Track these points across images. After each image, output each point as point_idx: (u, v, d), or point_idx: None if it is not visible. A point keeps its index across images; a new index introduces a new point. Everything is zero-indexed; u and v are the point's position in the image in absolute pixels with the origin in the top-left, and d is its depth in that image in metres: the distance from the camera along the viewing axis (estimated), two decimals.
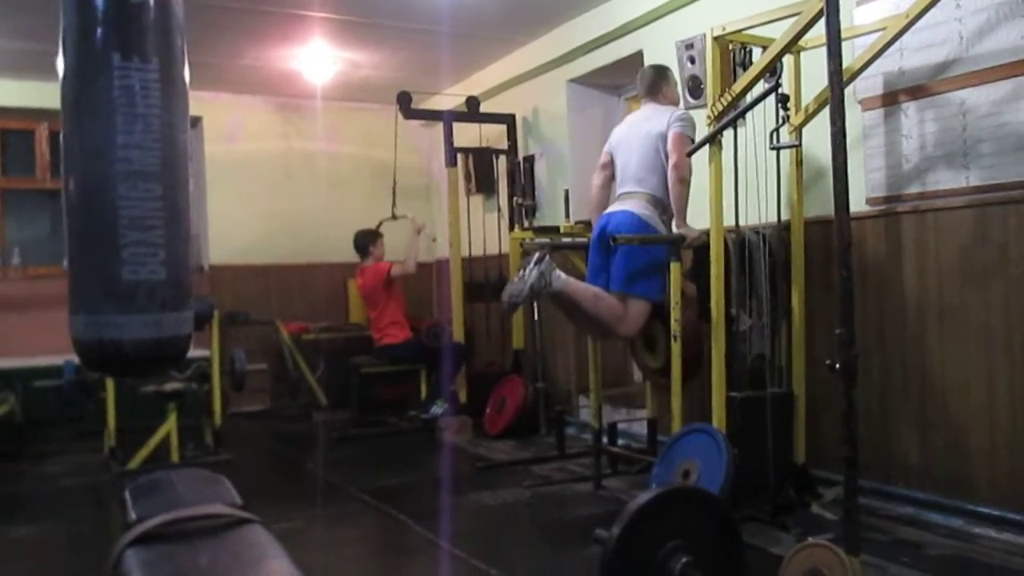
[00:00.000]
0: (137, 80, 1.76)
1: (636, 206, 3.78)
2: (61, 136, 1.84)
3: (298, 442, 5.81)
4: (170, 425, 4.73)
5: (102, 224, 1.76)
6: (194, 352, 5.40)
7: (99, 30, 1.76)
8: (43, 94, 5.94)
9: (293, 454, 5.46)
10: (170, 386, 4.78)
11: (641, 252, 3.71)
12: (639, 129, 3.90)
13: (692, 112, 3.99)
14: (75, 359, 5.36)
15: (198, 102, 6.62)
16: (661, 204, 3.80)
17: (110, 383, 4.90)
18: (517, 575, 2.94)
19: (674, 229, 3.71)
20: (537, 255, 3.63)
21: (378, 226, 6.30)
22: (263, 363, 6.70)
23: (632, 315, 3.73)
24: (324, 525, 3.72)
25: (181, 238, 1.86)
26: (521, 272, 3.63)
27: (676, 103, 4.02)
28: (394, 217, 6.25)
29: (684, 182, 3.67)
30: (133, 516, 1.80)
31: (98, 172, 1.76)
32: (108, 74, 1.74)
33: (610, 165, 4.04)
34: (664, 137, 3.75)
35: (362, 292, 6.20)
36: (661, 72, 3.99)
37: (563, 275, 3.66)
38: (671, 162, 3.69)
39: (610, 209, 3.90)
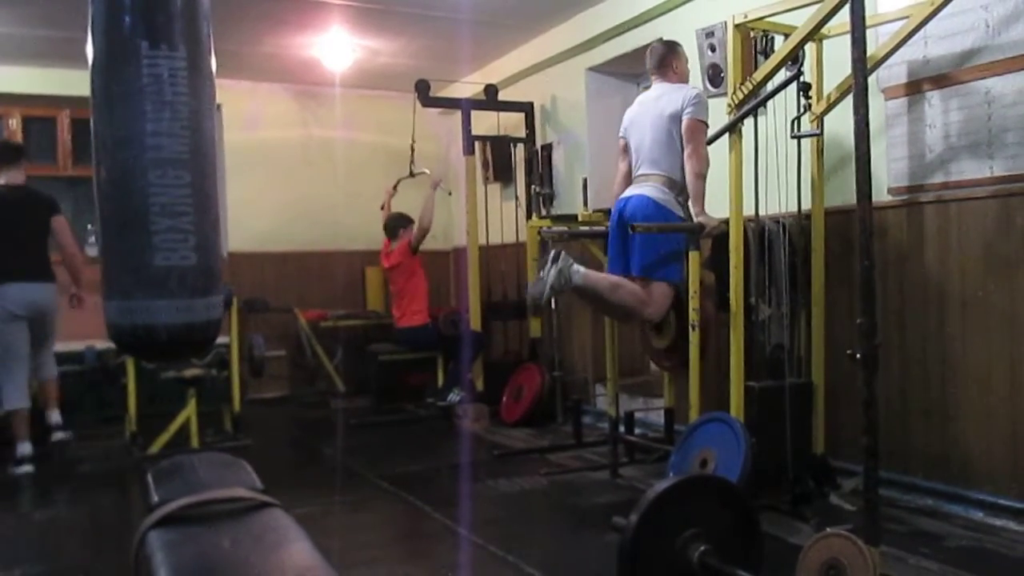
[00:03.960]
0: (165, 68, 1.78)
1: (651, 190, 3.76)
2: (91, 125, 1.86)
3: (316, 428, 5.85)
4: (190, 411, 4.78)
5: (133, 211, 1.79)
6: None
7: (127, 18, 1.77)
8: (65, 81, 5.98)
9: (311, 440, 5.49)
10: (190, 372, 4.82)
11: (660, 238, 3.70)
12: (651, 109, 3.84)
13: (712, 100, 3.96)
14: (97, 345, 5.45)
15: (218, 89, 6.56)
16: (677, 186, 3.77)
17: (131, 369, 4.95)
18: (534, 561, 2.95)
19: (693, 217, 3.69)
20: (553, 253, 3.63)
21: (396, 184, 6.36)
22: (281, 350, 6.76)
23: (656, 298, 3.75)
24: (342, 510, 3.75)
25: (210, 224, 1.89)
26: (540, 272, 3.63)
27: (686, 79, 3.93)
28: (412, 175, 6.26)
29: (701, 177, 3.64)
30: (156, 499, 1.83)
31: (128, 160, 1.78)
32: (136, 62, 1.76)
33: (627, 149, 3.99)
34: (678, 118, 3.70)
35: (387, 267, 6.20)
36: (671, 46, 3.92)
37: (581, 269, 3.66)
38: (687, 153, 3.66)
39: (626, 193, 3.87)
